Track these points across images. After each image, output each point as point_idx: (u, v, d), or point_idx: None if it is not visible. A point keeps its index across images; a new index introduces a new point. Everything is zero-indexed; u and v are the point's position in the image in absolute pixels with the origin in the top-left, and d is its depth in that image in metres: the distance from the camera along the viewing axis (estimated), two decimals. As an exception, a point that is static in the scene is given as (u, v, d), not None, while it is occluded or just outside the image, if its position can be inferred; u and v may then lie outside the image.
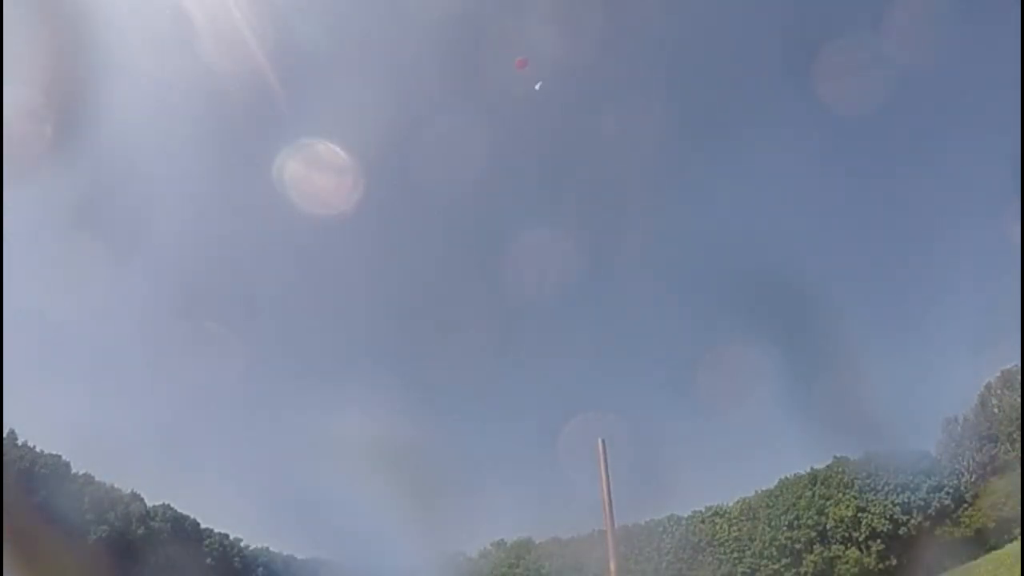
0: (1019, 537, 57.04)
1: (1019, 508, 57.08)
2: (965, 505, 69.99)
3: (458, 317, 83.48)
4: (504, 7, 79.17)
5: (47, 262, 60.87)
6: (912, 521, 70.62)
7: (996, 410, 70.96)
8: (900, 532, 70.88)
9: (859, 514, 72.26)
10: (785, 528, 74.65)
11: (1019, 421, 64.59)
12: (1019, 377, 66.04)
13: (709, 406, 72.51)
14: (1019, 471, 58.89)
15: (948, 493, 70.60)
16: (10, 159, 37.63)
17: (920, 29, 60.08)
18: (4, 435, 60.33)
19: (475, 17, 71.58)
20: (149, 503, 70.71)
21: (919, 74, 73.47)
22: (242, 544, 78.92)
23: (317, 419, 69.47)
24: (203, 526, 75.11)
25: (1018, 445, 63.41)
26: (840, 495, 73.82)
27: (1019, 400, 65.59)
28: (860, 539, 71.87)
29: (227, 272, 78.16)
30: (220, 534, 76.51)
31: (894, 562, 70.31)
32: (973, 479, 70.42)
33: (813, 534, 73.55)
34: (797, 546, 73.83)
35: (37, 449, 64.71)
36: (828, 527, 73.12)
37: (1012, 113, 60.71)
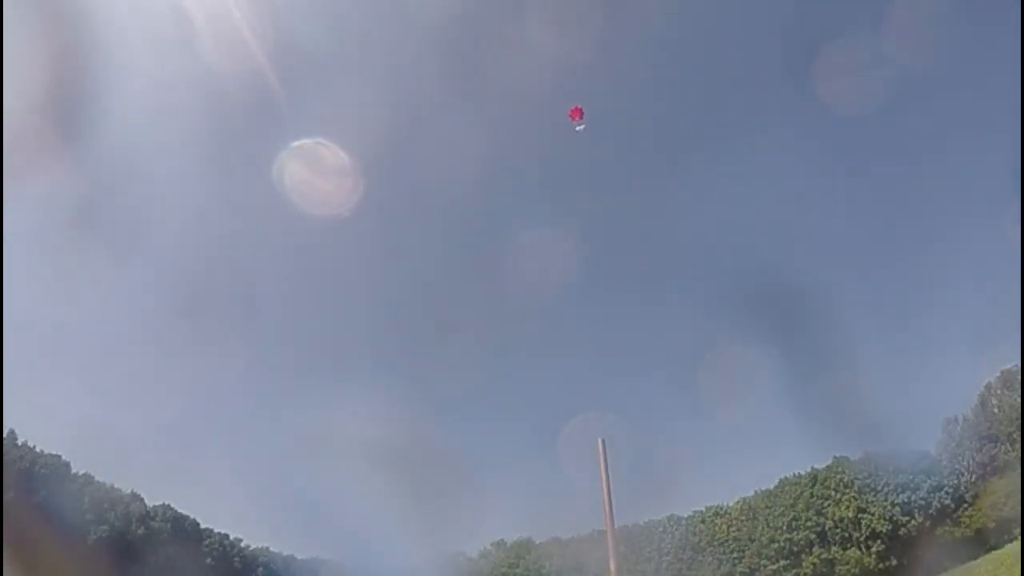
0: (1019, 537, 57.00)
1: (1019, 508, 57.05)
2: (965, 505, 69.96)
3: (458, 317, 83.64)
4: (504, 7, 79.34)
5: (47, 262, 60.89)
6: (912, 521, 70.58)
7: (996, 410, 70.92)
8: (900, 532, 70.86)
9: (859, 515, 72.22)
10: (784, 529, 74.63)
11: (1019, 421, 64.55)
12: (1019, 377, 66.01)
13: (709, 406, 72.61)
14: (1019, 471, 58.87)
15: (948, 493, 70.56)
16: (11, 159, 37.63)
17: (920, 29, 60.15)
18: (4, 435, 60.29)
19: (475, 17, 71.75)
20: (149, 503, 70.65)
21: (919, 74, 73.56)
22: (242, 544, 78.86)
23: (317, 419, 69.43)
24: (203, 526, 75.02)
25: (1018, 445, 63.38)
26: (840, 495, 73.78)
27: (1019, 400, 65.55)
28: (860, 539, 71.85)
29: (227, 272, 78.08)
30: (220, 534, 76.43)
31: (894, 562, 70.29)
32: (973, 479, 70.38)
33: (812, 535, 73.53)
34: (795, 548, 73.82)
35: (37, 449, 64.63)
36: (828, 527, 73.11)
37: (1012, 113, 60.85)
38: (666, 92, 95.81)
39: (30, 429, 64.09)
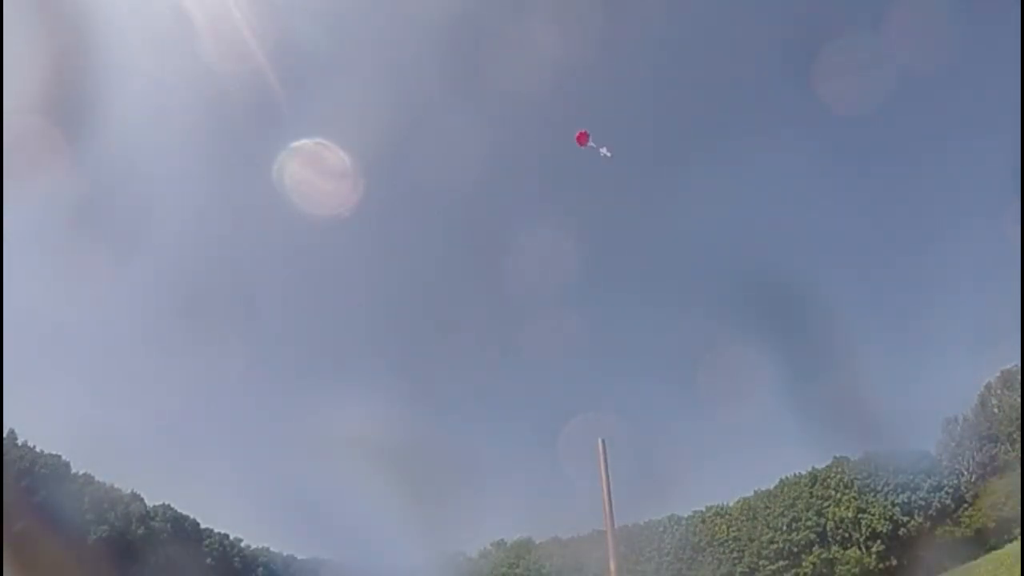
0: (1019, 537, 57.00)
1: (1019, 508, 57.05)
2: (965, 505, 69.94)
3: (459, 317, 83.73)
4: (504, 7, 79.40)
5: (47, 262, 60.92)
6: (912, 521, 70.58)
7: (996, 410, 70.92)
8: (900, 532, 70.84)
9: (859, 515, 72.19)
10: (784, 529, 74.61)
11: (1019, 421, 64.56)
12: (1019, 377, 66.01)
13: (709, 406, 72.67)
14: (1019, 471, 58.86)
15: (948, 493, 70.55)
16: (11, 159, 37.62)
17: (920, 29, 60.13)
18: (4, 435, 60.30)
19: (475, 17, 71.80)
20: (149, 503, 70.67)
21: (919, 74, 73.56)
22: (242, 544, 78.86)
23: (317, 419, 69.52)
24: (203, 526, 75.03)
25: (1018, 445, 63.38)
26: (840, 495, 73.77)
27: (1019, 400, 65.56)
28: (860, 539, 71.83)
29: (227, 272, 78.22)
30: (220, 534, 76.42)
31: (894, 562, 70.26)
32: (973, 479, 70.38)
33: (812, 535, 73.50)
34: (795, 548, 73.80)
35: (37, 449, 64.65)
36: (828, 528, 73.08)
37: (1012, 113, 60.89)
38: (666, 92, 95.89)
39: (30, 429, 64.26)
